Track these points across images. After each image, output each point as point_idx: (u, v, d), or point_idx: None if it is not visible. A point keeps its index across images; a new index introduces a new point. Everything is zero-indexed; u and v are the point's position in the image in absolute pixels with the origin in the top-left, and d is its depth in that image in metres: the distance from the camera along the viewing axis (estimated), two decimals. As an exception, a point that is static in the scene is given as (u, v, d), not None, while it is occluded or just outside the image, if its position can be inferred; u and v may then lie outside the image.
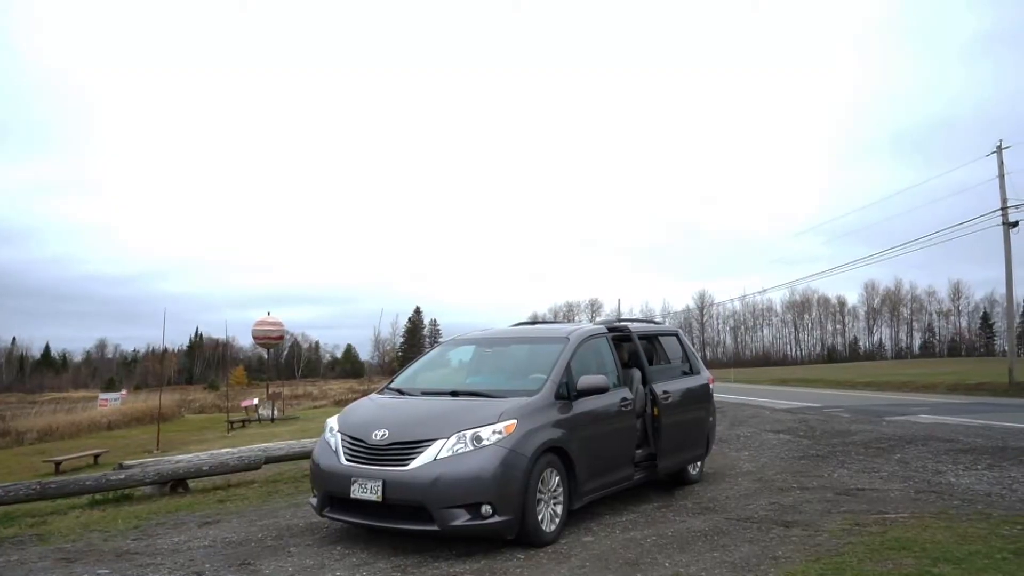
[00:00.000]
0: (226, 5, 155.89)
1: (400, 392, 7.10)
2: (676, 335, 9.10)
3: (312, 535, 6.46)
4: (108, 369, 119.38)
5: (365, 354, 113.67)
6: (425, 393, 6.97)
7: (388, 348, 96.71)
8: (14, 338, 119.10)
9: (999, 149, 30.28)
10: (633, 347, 7.99)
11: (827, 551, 5.42)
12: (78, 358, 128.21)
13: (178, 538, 6.55)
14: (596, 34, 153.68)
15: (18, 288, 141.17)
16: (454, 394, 6.68)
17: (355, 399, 10.59)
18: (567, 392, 6.47)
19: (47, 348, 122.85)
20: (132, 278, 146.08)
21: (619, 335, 8.05)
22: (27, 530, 7.20)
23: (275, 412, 31.39)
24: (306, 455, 10.04)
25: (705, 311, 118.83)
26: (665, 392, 7.76)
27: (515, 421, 5.87)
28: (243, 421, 29.38)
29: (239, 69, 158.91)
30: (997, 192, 30.02)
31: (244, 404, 32.95)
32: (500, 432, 5.77)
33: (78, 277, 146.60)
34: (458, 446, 5.70)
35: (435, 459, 5.66)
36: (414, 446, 5.77)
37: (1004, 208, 29.74)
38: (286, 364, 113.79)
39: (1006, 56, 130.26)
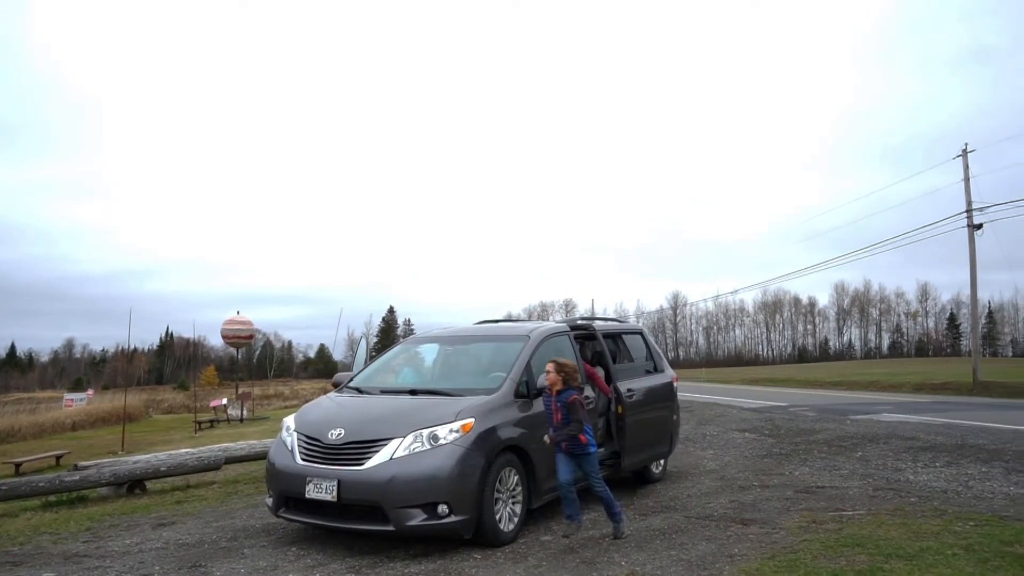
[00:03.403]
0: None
1: (359, 391, 7.02)
2: (641, 333, 9.10)
3: (267, 536, 6.36)
4: (76, 369, 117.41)
5: (339, 354, 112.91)
6: (384, 392, 6.90)
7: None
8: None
9: (964, 153, 30.71)
10: (598, 345, 7.97)
11: (783, 548, 5.43)
12: (45, 358, 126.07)
13: (130, 540, 6.42)
14: (586, 35, 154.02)
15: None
16: (413, 393, 6.62)
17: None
18: (527, 391, 6.43)
19: (12, 348, 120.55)
20: (103, 278, 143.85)
21: (583, 334, 8.04)
22: (-26, 533, 7.02)
23: (244, 412, 31.07)
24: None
25: (678, 311, 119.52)
26: (629, 390, 7.75)
27: (473, 420, 5.82)
28: (211, 421, 29.02)
29: (216, 67, 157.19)
30: (963, 196, 30.47)
31: (213, 404, 32.57)
32: (457, 431, 5.72)
33: (48, 277, 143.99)
34: (415, 445, 5.64)
35: (391, 458, 5.59)
36: (370, 445, 5.70)
37: (969, 210, 30.17)
38: (258, 364, 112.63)
39: (976, 72, 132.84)
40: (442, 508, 5.50)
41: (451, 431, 5.72)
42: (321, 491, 5.64)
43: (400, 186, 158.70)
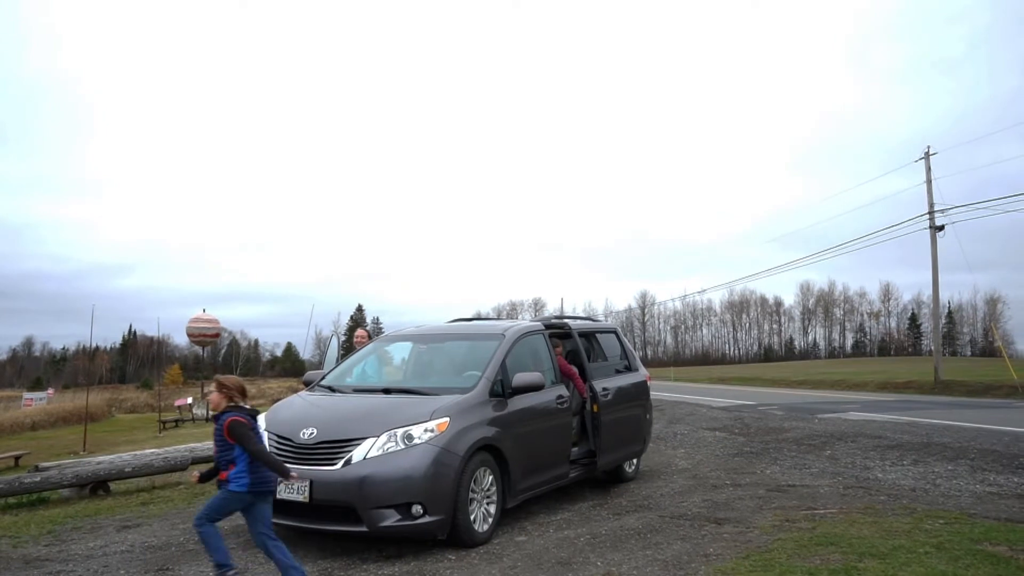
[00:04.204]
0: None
1: (331, 389, 6.91)
2: (615, 332, 9.10)
3: (236, 538, 6.21)
4: (35, 368, 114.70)
5: (306, 353, 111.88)
6: (357, 391, 6.80)
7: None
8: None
9: (927, 155, 31.29)
10: (573, 344, 7.95)
11: (757, 548, 5.44)
12: (3, 356, 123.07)
13: (94, 543, 6.25)
14: (556, 35, 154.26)
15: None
16: (386, 391, 6.54)
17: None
18: (502, 390, 6.38)
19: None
20: (64, 274, 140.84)
21: (557, 332, 8.01)
22: (-71, 537, 6.78)
23: (209, 411, 30.58)
24: (236, 455, 9.74)
25: (646, 311, 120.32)
26: (604, 389, 7.75)
27: (447, 419, 5.75)
28: (176, 421, 28.51)
29: (192, 61, 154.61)
30: (924, 199, 31.03)
31: (178, 403, 32.04)
32: (432, 430, 5.65)
33: (6, 273, 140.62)
34: (388, 445, 5.56)
35: (364, 458, 5.50)
36: (343, 445, 5.60)
37: (931, 212, 30.76)
38: (224, 363, 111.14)
39: (935, 80, 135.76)
40: (416, 508, 5.43)
41: (425, 430, 5.64)
42: (293, 491, 5.52)
43: (369, 184, 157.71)
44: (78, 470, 8.65)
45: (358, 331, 9.90)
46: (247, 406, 4.82)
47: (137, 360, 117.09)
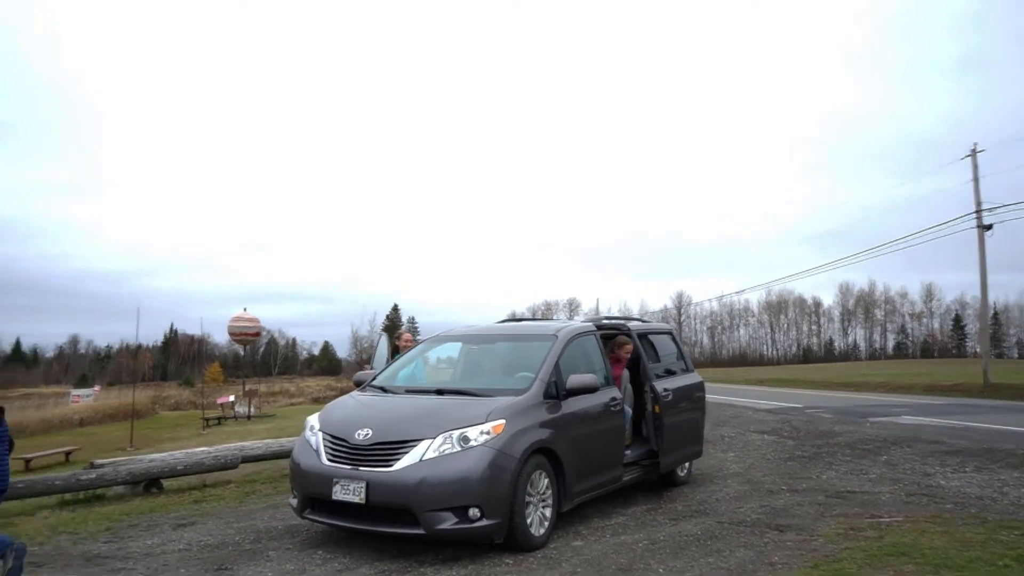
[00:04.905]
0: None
1: (383, 390, 6.86)
2: (670, 334, 8.99)
3: (292, 538, 6.22)
4: (81, 365, 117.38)
5: (342, 352, 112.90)
6: (409, 391, 6.75)
7: (366, 346, 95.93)
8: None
9: (973, 153, 30.46)
10: (634, 345, 7.85)
11: (824, 557, 5.28)
12: (50, 354, 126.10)
13: (151, 541, 6.29)
14: (589, 32, 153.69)
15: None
16: (439, 392, 6.47)
17: (333, 397, 10.31)
18: (556, 391, 6.28)
19: (17, 343, 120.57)
20: (108, 275, 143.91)
21: (608, 333, 7.89)
22: (-9, 532, 6.89)
23: (251, 409, 30.98)
24: (284, 454, 9.80)
25: (683, 311, 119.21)
26: (665, 390, 7.68)
27: (504, 421, 5.67)
28: (218, 418, 28.92)
29: (221, 65, 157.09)
30: (971, 197, 30.22)
31: (220, 401, 32.48)
32: (488, 432, 5.57)
33: (53, 273, 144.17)
34: (444, 446, 5.49)
35: (421, 460, 5.44)
36: (399, 446, 5.55)
37: (978, 211, 29.95)
38: (262, 361, 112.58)
39: (983, 79, 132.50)
40: (473, 511, 5.35)
41: (482, 432, 5.56)
42: (349, 493, 5.49)
43: (404, 185, 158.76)
44: (132, 467, 8.75)
45: (404, 335, 9.87)
46: None
47: (178, 358, 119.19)
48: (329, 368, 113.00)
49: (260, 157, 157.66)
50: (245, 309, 36.22)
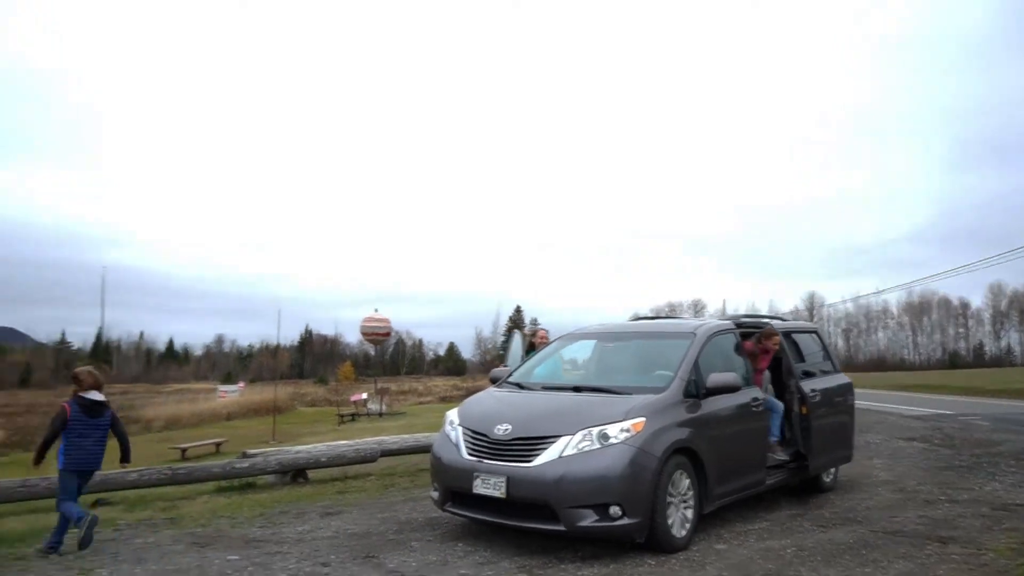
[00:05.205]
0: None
1: (519, 386, 6.90)
2: (815, 332, 8.61)
3: (432, 530, 6.37)
4: (225, 363, 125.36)
5: (467, 353, 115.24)
6: (546, 388, 6.74)
7: (490, 347, 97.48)
8: (142, 333, 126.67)
9: None
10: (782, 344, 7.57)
11: (997, 572, 4.88)
12: (198, 352, 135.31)
13: (302, 527, 6.59)
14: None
15: (149, 287, 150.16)
16: (577, 389, 6.43)
17: (460, 396, 10.49)
18: (696, 390, 6.12)
19: (171, 342, 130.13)
20: (249, 278, 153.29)
21: (747, 331, 7.63)
22: (159, 514, 7.45)
23: (383, 407, 32.06)
24: (420, 449, 10.07)
25: (814, 313, 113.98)
26: (812, 390, 7.41)
27: (644, 419, 5.57)
28: (352, 415, 30.15)
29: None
30: None
31: (353, 399, 33.81)
32: (628, 430, 5.49)
33: (200, 276, 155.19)
34: (584, 443, 5.46)
35: (560, 456, 5.43)
36: (538, 442, 5.56)
37: None
38: (391, 361, 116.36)
39: None
40: (614, 510, 5.29)
41: (621, 430, 5.49)
42: (489, 487, 5.56)
43: (523, 189, 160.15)
44: (280, 458, 9.23)
45: (539, 331, 9.93)
46: (94, 397, 6.07)
47: (313, 357, 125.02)
48: (455, 368, 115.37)
49: (386, 165, 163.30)
50: (376, 310, 37.55)
